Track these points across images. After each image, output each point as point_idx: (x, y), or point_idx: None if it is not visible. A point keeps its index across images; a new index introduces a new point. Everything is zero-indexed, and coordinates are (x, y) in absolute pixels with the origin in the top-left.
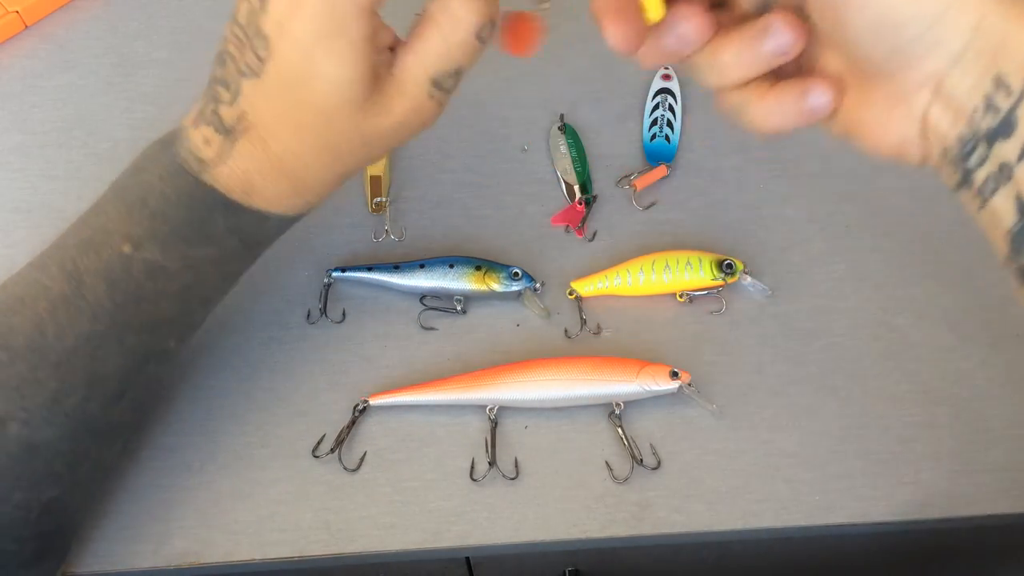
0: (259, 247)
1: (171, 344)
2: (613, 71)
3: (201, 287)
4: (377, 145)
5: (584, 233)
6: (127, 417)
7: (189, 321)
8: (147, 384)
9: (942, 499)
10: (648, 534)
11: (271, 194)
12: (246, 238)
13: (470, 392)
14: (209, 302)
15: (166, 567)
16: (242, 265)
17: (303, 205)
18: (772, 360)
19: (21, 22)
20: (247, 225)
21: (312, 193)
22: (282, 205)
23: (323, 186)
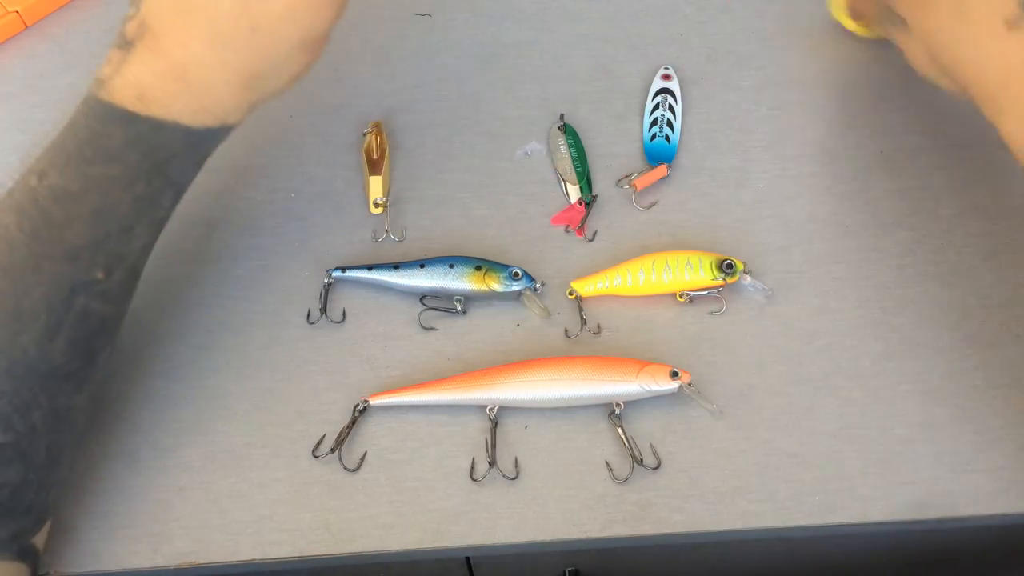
0: (166, 166)
1: (98, 274)
2: (613, 71)
3: (113, 212)
4: (266, 34)
5: (584, 233)
6: (73, 361)
7: (113, 250)
8: (83, 321)
9: (942, 499)
10: (648, 534)
11: (163, 96)
12: (147, 152)
13: (470, 392)
14: (131, 231)
15: (166, 567)
16: (151, 189)
17: (202, 112)
18: (772, 360)
19: (21, 22)
20: (144, 136)
21: (207, 98)
22: (177, 111)
23: (218, 88)
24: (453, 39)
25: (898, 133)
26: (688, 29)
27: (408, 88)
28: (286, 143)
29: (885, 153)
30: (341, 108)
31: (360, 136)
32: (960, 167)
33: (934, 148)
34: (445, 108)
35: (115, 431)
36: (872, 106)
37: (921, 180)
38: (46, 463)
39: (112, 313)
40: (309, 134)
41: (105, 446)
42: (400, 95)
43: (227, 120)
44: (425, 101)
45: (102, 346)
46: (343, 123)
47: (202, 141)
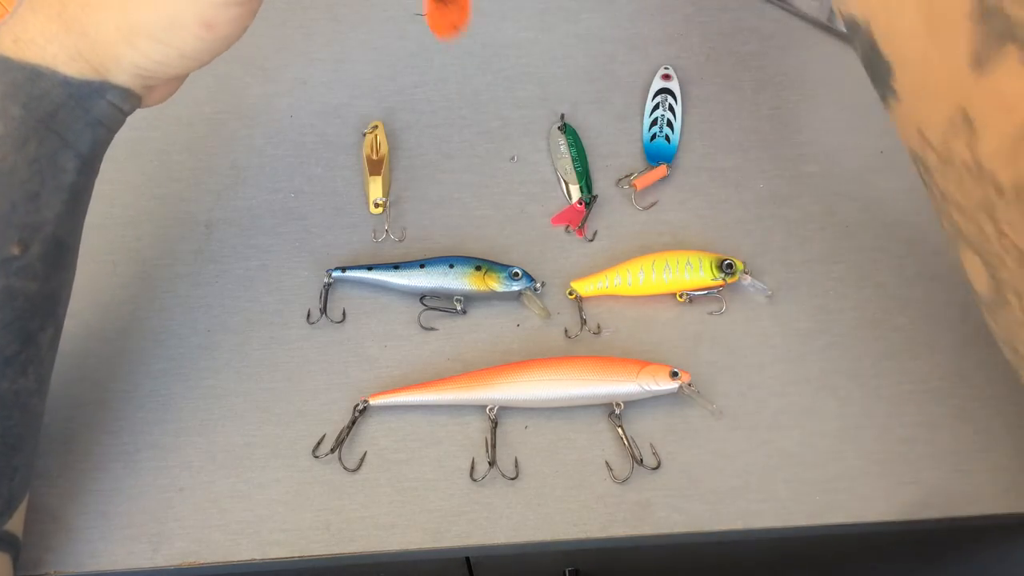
0: (52, 121)
1: (14, 250)
2: (613, 71)
3: (11, 178)
4: None
5: (584, 233)
6: (10, 345)
7: (24, 222)
8: (8, 301)
9: (942, 499)
10: (648, 534)
11: (38, 37)
12: (27, 103)
13: (470, 392)
14: (37, 198)
15: (166, 567)
16: (45, 148)
17: (81, 63)
18: (772, 360)
19: None
20: (21, 85)
21: (86, 43)
22: (52, 54)
23: (98, 36)
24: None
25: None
26: (688, 29)
27: (408, 88)
28: (286, 143)
29: (885, 153)
30: (341, 108)
31: (360, 136)
32: None
33: None
34: (445, 108)
35: (115, 431)
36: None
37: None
38: (3, 450)
39: (41, 289)
40: (309, 134)
41: (105, 446)
42: (400, 95)
43: (108, 76)
44: (425, 101)
45: (40, 326)
46: (343, 123)
47: (86, 95)
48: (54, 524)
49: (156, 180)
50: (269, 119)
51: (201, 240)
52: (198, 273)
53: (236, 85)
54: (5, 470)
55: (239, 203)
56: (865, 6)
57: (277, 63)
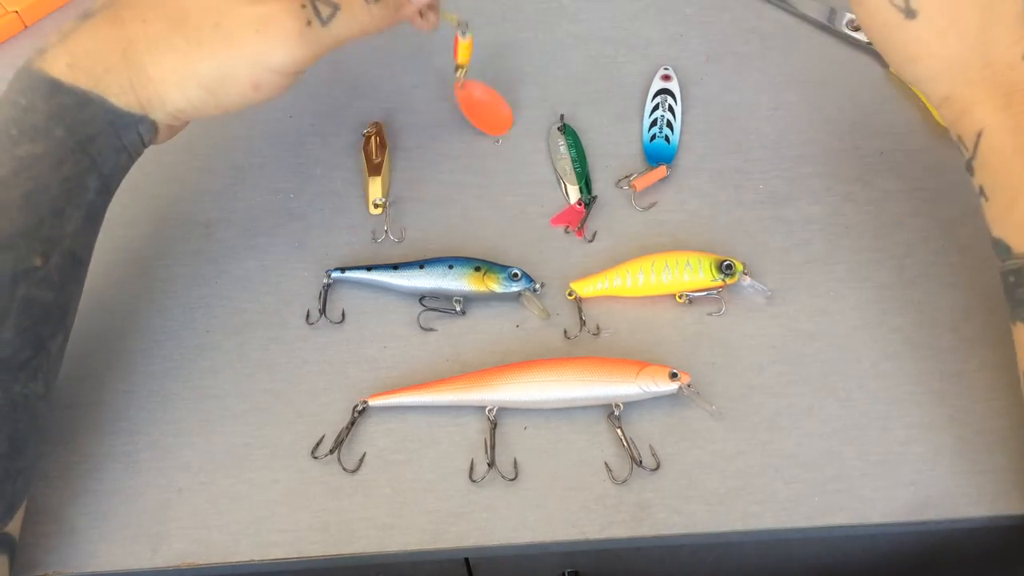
0: (89, 145)
1: (36, 262)
2: (613, 71)
3: (44, 195)
4: (227, 37)
5: (584, 234)
6: (23, 351)
7: (48, 235)
8: (27, 309)
9: (942, 500)
10: (647, 535)
11: (95, 66)
12: (71, 126)
13: (469, 393)
14: (62, 215)
15: (165, 567)
16: (77, 169)
17: (130, 95)
18: (772, 361)
19: (21, 22)
20: (67, 109)
21: (141, 79)
22: (105, 85)
23: (155, 75)
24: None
25: (898, 133)
26: (688, 29)
27: (408, 88)
28: (286, 143)
29: (885, 153)
30: (341, 108)
31: (360, 136)
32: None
33: (934, 148)
34: (445, 108)
35: (115, 431)
36: (872, 106)
37: (921, 180)
38: (8, 453)
39: (56, 299)
40: (309, 134)
41: (105, 446)
42: (400, 95)
43: (149, 111)
44: (425, 101)
45: (52, 333)
46: (343, 123)
47: (124, 125)
48: (54, 524)
49: (155, 180)
50: (269, 119)
51: (200, 240)
52: (197, 273)
53: None
54: (10, 472)
55: (238, 203)
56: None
57: None
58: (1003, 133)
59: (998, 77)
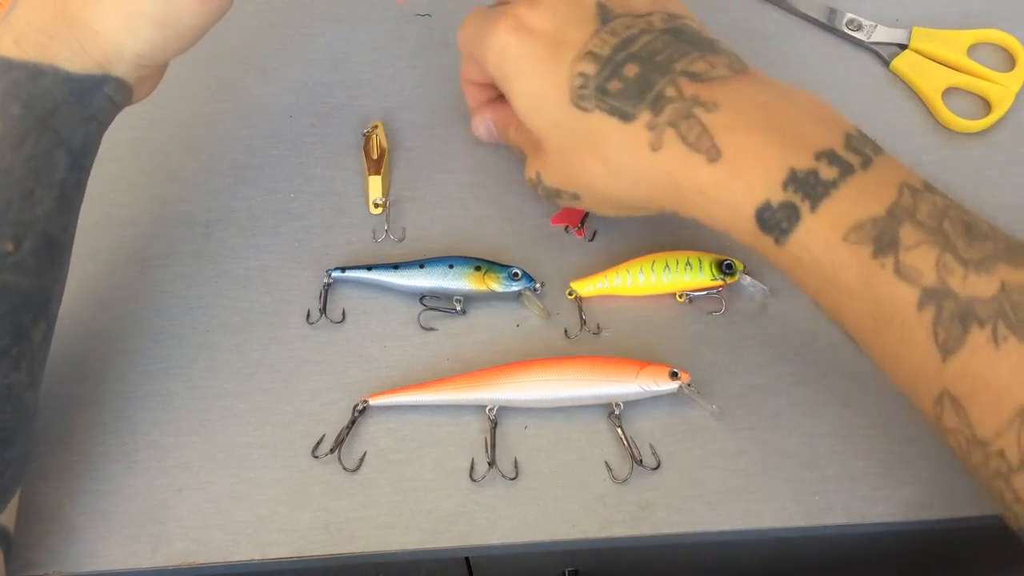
0: (50, 119)
1: (7, 247)
2: None
3: (8, 176)
4: None
5: (584, 233)
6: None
7: (17, 218)
8: (2, 296)
9: (943, 499)
10: (648, 534)
11: (41, 36)
12: (27, 102)
13: (470, 392)
14: (31, 196)
15: (165, 567)
16: (41, 146)
17: (84, 58)
18: (772, 360)
19: None
20: (22, 84)
21: (89, 37)
22: (54, 51)
23: (103, 29)
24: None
25: (898, 134)
26: None
27: (408, 88)
28: (286, 143)
29: None
30: (341, 108)
31: (360, 136)
32: (960, 168)
33: (934, 148)
34: (445, 108)
35: (115, 431)
36: (872, 106)
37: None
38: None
39: (33, 285)
40: (309, 134)
41: (104, 446)
42: (400, 95)
43: (109, 68)
44: (425, 101)
45: (32, 321)
46: (343, 123)
47: (85, 91)
48: (53, 524)
49: (155, 180)
50: (269, 119)
51: (200, 240)
52: (197, 273)
53: (236, 85)
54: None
55: (238, 203)
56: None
57: (277, 63)
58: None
59: None
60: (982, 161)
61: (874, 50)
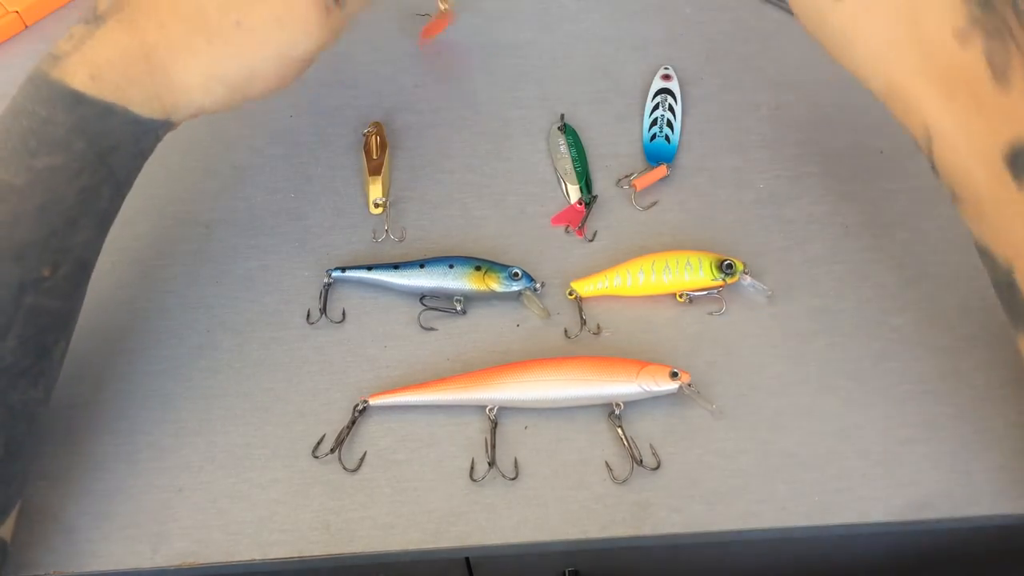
0: (109, 156)
1: (44, 271)
2: (613, 71)
3: (58, 205)
4: (250, 34)
5: (584, 233)
6: (26, 358)
7: (59, 245)
8: (33, 318)
9: (942, 500)
10: (648, 534)
11: (119, 78)
12: (92, 139)
13: (470, 392)
14: (75, 225)
15: (165, 567)
16: (94, 180)
17: (154, 104)
18: (772, 360)
19: (21, 22)
20: (90, 121)
21: (165, 86)
22: (129, 96)
23: (179, 78)
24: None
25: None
26: (688, 29)
27: (408, 88)
28: (286, 143)
29: (885, 153)
30: (341, 108)
31: (360, 136)
32: None
33: None
34: (445, 108)
35: (115, 431)
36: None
37: (921, 180)
38: (4, 458)
39: (61, 308)
40: (309, 134)
41: (105, 446)
42: (400, 95)
43: (173, 115)
44: (425, 101)
45: (55, 340)
46: (343, 123)
47: (145, 133)
48: (54, 524)
49: (155, 180)
50: (269, 119)
51: (201, 240)
52: (198, 273)
53: None
54: (4, 477)
55: (239, 203)
56: (1010, 249)
57: None
58: (953, 132)
59: (934, 60)
60: None
61: None
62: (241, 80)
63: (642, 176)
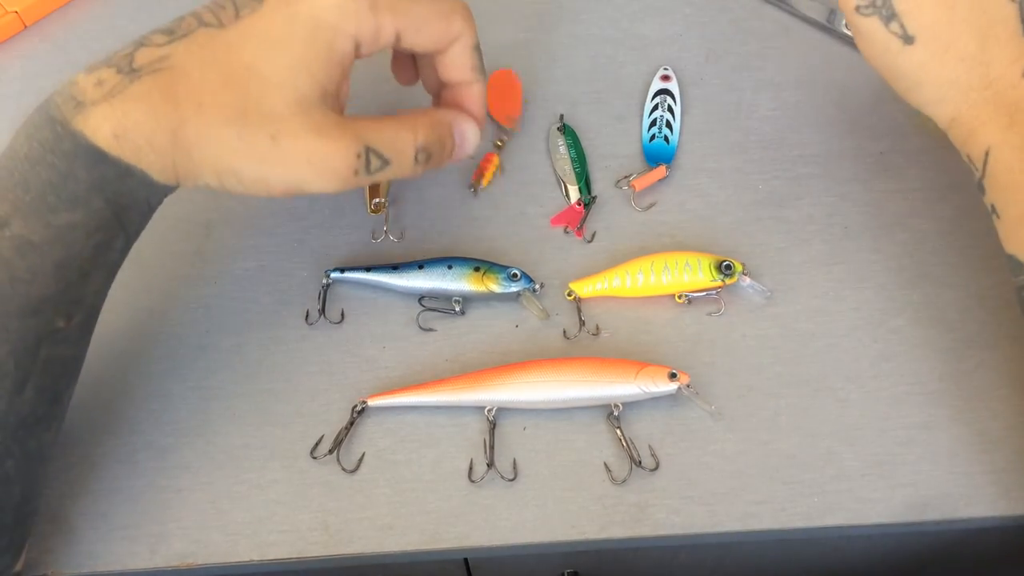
0: (124, 214)
1: (60, 324)
2: (613, 71)
3: (75, 260)
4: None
5: (583, 234)
6: (41, 407)
7: (73, 297)
8: (48, 369)
9: (941, 501)
10: (646, 535)
11: (144, 144)
12: (110, 198)
13: (469, 393)
14: (88, 277)
15: (164, 568)
16: (108, 235)
17: (170, 173)
18: (771, 361)
19: (21, 22)
20: (109, 181)
21: (184, 161)
22: (150, 162)
23: (199, 162)
24: None
25: (898, 134)
26: (688, 29)
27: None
28: None
29: (885, 154)
30: None
31: None
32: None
33: (934, 149)
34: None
35: (114, 431)
36: (872, 107)
37: (921, 181)
38: (20, 502)
39: (73, 355)
40: None
41: (104, 447)
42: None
43: (183, 183)
44: (425, 101)
45: (67, 385)
46: None
47: (156, 194)
48: (53, 524)
49: None
50: None
51: (200, 240)
52: (196, 274)
53: None
54: (19, 518)
55: (237, 204)
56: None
57: None
58: (1010, 151)
59: (1000, 97)
60: None
61: None
62: (253, 183)
63: (641, 177)
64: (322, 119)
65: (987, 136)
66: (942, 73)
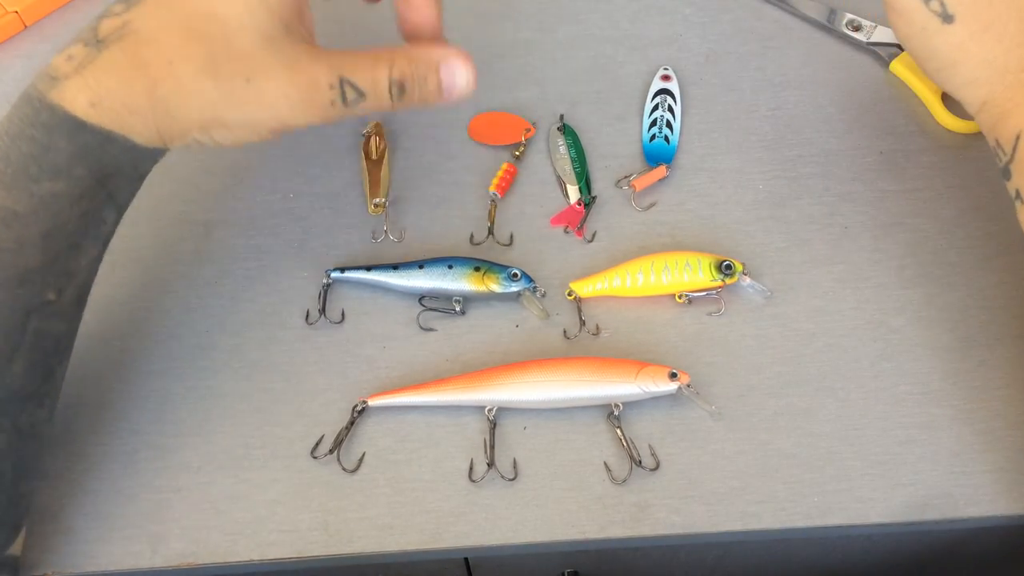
0: (109, 181)
1: (50, 296)
2: (613, 71)
3: (62, 230)
4: (256, 93)
5: (583, 234)
6: (32, 382)
7: (63, 269)
8: (39, 343)
9: (941, 500)
10: (646, 535)
11: (121, 108)
12: (92, 166)
13: (469, 393)
14: (79, 248)
15: (164, 567)
16: (95, 204)
17: (153, 135)
18: (771, 361)
19: (21, 22)
20: (91, 149)
21: (167, 121)
22: (130, 125)
23: (182, 118)
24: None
25: (898, 134)
26: (688, 29)
27: None
28: (286, 143)
29: (885, 154)
30: None
31: (360, 136)
32: (960, 168)
33: (934, 149)
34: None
35: (114, 431)
36: (872, 107)
37: (921, 180)
38: (14, 480)
39: (66, 330)
40: (309, 134)
41: (104, 446)
42: None
43: (171, 144)
44: None
45: (59, 362)
46: (343, 123)
47: (143, 160)
48: (53, 524)
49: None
50: None
51: (200, 241)
52: (197, 274)
53: None
54: (13, 498)
55: (238, 204)
56: None
57: None
58: None
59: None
60: (981, 161)
61: (874, 51)
62: (239, 128)
63: (641, 177)
64: (292, 52)
65: (1020, 119)
66: (979, 53)
